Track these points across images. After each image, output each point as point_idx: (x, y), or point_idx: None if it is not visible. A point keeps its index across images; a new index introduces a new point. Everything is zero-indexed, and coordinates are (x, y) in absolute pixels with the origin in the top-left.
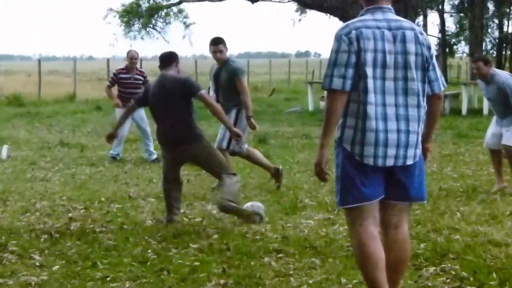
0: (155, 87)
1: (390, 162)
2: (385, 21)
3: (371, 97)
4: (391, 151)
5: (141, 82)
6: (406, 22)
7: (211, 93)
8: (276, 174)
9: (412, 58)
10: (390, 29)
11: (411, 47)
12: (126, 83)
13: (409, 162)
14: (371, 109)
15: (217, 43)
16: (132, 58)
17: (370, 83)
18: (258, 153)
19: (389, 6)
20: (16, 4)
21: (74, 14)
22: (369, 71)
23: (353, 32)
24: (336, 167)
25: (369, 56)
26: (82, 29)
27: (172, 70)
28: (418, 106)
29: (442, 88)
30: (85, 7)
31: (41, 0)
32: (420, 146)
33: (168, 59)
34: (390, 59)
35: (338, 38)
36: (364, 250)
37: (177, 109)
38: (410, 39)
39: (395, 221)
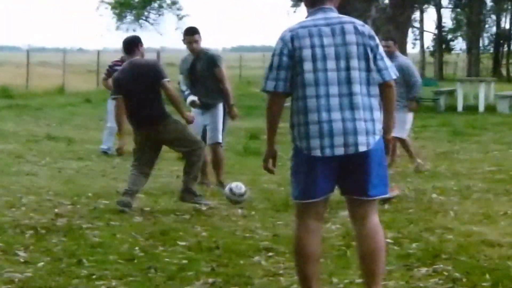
0: (127, 73)
1: (339, 151)
2: (324, 19)
3: (311, 91)
4: (339, 140)
5: None
6: (346, 18)
7: (184, 87)
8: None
9: (353, 48)
10: (328, 25)
11: (351, 38)
12: None
13: (362, 149)
14: (311, 103)
15: (192, 33)
16: None
17: (310, 76)
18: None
19: (331, 6)
20: None
21: (65, 4)
22: (308, 65)
23: (288, 34)
24: (290, 161)
25: (306, 52)
26: (73, 20)
27: (138, 55)
28: (363, 94)
29: (393, 77)
30: None
31: None
32: (375, 135)
33: (133, 44)
34: (330, 51)
35: (276, 43)
36: (298, 242)
37: (147, 92)
38: (349, 30)
39: (361, 213)
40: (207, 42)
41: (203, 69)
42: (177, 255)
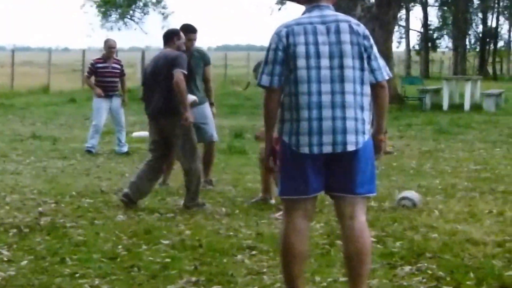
0: (151, 63)
1: (327, 149)
2: (320, 16)
3: (304, 87)
4: (327, 138)
5: (118, 71)
6: (342, 16)
7: None
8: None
9: (347, 47)
10: (323, 23)
11: (346, 37)
12: (103, 72)
13: (350, 148)
14: (303, 99)
15: (195, 30)
16: (110, 47)
17: (303, 73)
18: None
19: (328, 4)
20: None
21: (50, 4)
22: (301, 62)
23: (284, 30)
24: (279, 158)
25: (300, 49)
26: (57, 19)
27: (170, 47)
28: (356, 93)
29: (386, 77)
30: None
31: None
32: (365, 134)
33: (167, 36)
34: (324, 49)
35: (271, 38)
36: (285, 241)
37: (162, 82)
38: (344, 29)
39: (348, 212)
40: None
41: (198, 67)
42: (160, 253)
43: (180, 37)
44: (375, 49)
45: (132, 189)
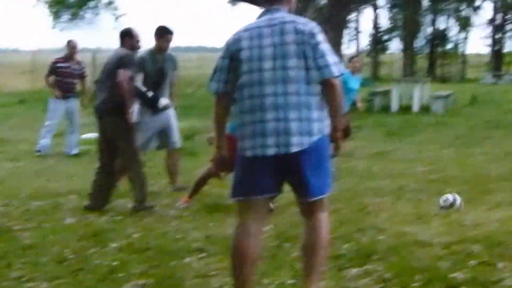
0: (105, 62)
1: (271, 151)
2: (268, 20)
3: (247, 92)
4: (271, 140)
5: (78, 72)
6: (289, 18)
7: (144, 88)
8: None
9: (291, 48)
10: (269, 25)
11: (290, 37)
12: (64, 72)
13: (294, 149)
14: (246, 103)
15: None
16: (73, 47)
17: (246, 78)
18: None
19: (279, 7)
20: None
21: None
22: (245, 67)
23: (232, 37)
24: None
25: (244, 54)
26: (7, 20)
27: (124, 47)
28: (300, 93)
29: (335, 74)
30: None
31: None
32: (312, 135)
33: (120, 36)
34: (267, 51)
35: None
36: (235, 244)
37: (107, 80)
38: (288, 30)
39: (306, 210)
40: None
41: (170, 70)
42: (108, 256)
43: (133, 36)
44: (323, 46)
45: (92, 200)
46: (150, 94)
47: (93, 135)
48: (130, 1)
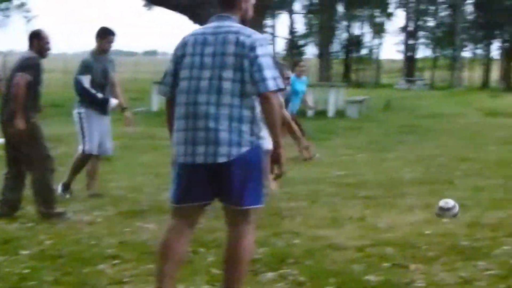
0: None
1: (200, 160)
2: (214, 27)
3: (184, 98)
4: (200, 149)
5: None
6: (234, 28)
7: (93, 90)
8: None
9: (229, 59)
10: (214, 33)
11: (230, 48)
12: None
13: (221, 160)
14: (182, 110)
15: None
16: None
17: (185, 84)
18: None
19: (229, 15)
20: None
21: None
22: (185, 73)
23: (180, 42)
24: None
25: (187, 60)
26: None
27: (32, 49)
28: (233, 105)
29: (271, 89)
30: None
31: None
32: (241, 147)
33: (29, 38)
34: (208, 60)
35: None
36: (162, 241)
37: (10, 85)
38: (230, 41)
39: (230, 220)
40: (56, 45)
41: (111, 72)
42: (19, 264)
43: (41, 38)
44: (262, 60)
45: (1, 207)
46: (100, 96)
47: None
48: (42, 2)
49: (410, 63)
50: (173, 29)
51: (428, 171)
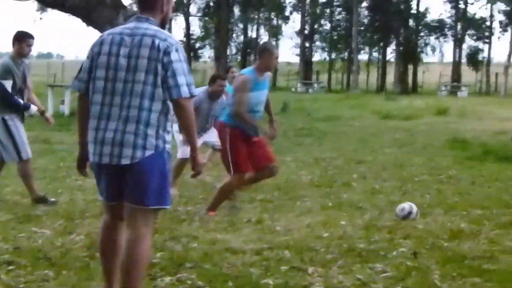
0: None
1: (105, 160)
2: (132, 28)
3: (98, 98)
4: (107, 149)
5: None
6: (152, 31)
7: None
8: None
9: (143, 62)
10: (131, 35)
11: (145, 51)
12: None
13: (125, 162)
14: (96, 109)
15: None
16: None
17: (100, 84)
18: None
19: (148, 17)
20: None
21: None
22: (100, 73)
23: (98, 39)
24: None
25: (102, 59)
26: None
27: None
28: (142, 108)
29: (184, 95)
30: None
31: None
32: (146, 150)
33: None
34: (123, 62)
35: None
36: (99, 237)
37: None
38: (145, 44)
39: (130, 221)
40: None
41: (27, 76)
42: None
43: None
44: (177, 65)
45: None
46: (21, 101)
47: None
48: None
49: (307, 66)
50: (68, 32)
51: (326, 174)
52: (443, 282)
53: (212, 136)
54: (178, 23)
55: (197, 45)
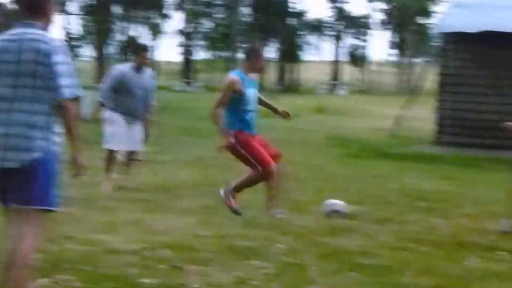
0: None
1: None
2: (17, 34)
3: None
4: None
5: None
6: (35, 35)
7: None
8: None
9: (25, 66)
10: (15, 40)
11: (28, 55)
12: None
13: (9, 165)
14: None
15: None
16: None
17: None
18: None
19: (34, 22)
20: None
21: None
22: None
23: None
24: None
25: None
26: None
27: None
28: (26, 111)
29: (65, 96)
30: None
31: None
32: (32, 152)
33: None
34: (6, 67)
35: None
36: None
37: None
38: (28, 48)
39: (13, 222)
40: None
41: None
42: None
43: None
44: (59, 67)
45: None
46: None
47: None
48: None
49: (187, 65)
50: None
51: (205, 173)
52: (320, 277)
53: (136, 144)
54: (57, 22)
55: (77, 44)
